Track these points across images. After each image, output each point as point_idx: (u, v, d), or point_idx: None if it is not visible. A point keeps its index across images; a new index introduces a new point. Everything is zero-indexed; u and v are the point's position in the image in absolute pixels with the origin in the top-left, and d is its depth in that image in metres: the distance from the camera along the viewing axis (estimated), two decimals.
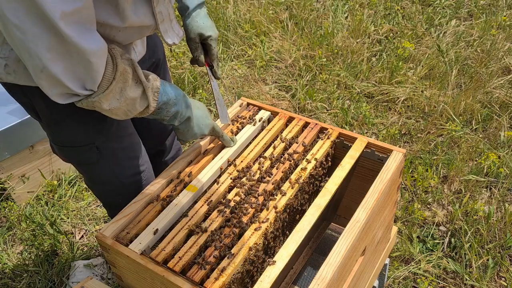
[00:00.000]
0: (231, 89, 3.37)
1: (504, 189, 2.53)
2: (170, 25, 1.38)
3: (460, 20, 3.98)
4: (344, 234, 1.32)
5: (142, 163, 1.62)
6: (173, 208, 1.42)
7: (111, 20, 1.18)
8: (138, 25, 1.26)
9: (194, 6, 1.55)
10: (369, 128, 3.00)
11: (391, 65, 3.40)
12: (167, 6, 1.32)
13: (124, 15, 1.18)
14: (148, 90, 1.25)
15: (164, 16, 1.32)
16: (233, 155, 1.60)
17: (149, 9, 1.25)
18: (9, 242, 2.44)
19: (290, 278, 1.80)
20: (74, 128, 1.41)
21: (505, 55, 3.45)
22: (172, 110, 1.36)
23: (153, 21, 1.29)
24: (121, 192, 1.57)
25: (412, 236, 2.31)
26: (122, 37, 1.28)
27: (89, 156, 1.47)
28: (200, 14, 1.56)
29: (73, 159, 1.53)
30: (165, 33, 1.37)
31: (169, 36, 1.39)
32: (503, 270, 2.18)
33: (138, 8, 1.22)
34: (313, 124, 1.69)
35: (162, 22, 1.33)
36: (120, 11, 1.17)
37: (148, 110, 1.29)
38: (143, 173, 1.62)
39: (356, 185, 1.72)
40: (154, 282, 1.30)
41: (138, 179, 1.61)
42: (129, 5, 1.18)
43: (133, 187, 1.59)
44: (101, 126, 1.43)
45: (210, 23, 1.57)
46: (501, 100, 3.08)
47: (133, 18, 1.22)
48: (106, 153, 1.49)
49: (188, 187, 1.48)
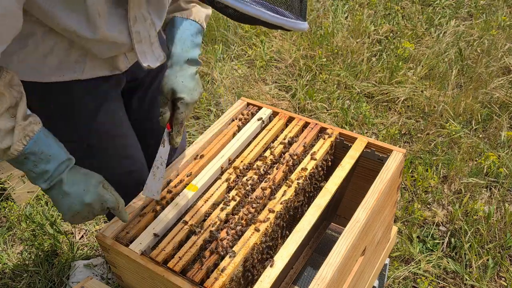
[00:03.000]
0: (231, 89, 3.37)
1: (504, 189, 2.53)
2: (150, 47, 1.33)
3: (460, 20, 3.98)
4: (344, 234, 1.32)
5: (133, 163, 1.59)
6: (173, 208, 1.42)
7: (81, 31, 1.16)
8: (112, 41, 1.23)
9: (182, 61, 1.41)
10: (369, 128, 3.00)
11: (391, 65, 3.40)
12: (148, 28, 1.29)
13: (95, 27, 1.16)
14: (17, 128, 1.10)
15: (142, 37, 1.28)
16: (234, 153, 1.60)
17: (125, 27, 1.23)
18: (9, 242, 2.44)
19: (290, 278, 1.80)
20: (63, 125, 1.39)
21: (505, 55, 3.45)
22: (40, 166, 1.16)
23: (128, 40, 1.26)
24: None
25: (412, 236, 2.31)
26: (97, 50, 1.26)
27: (78, 153, 1.46)
28: (186, 73, 1.41)
29: None
30: (141, 54, 1.31)
31: (146, 59, 1.33)
32: (503, 270, 2.18)
33: (113, 25, 1.20)
34: (313, 124, 1.69)
35: (140, 43, 1.29)
36: (91, 22, 1.15)
37: (8, 152, 1.11)
38: (134, 173, 1.60)
39: (356, 185, 1.72)
40: (154, 282, 1.30)
41: (127, 179, 1.59)
42: (103, 19, 1.16)
43: (123, 186, 1.56)
44: (91, 124, 1.42)
45: (192, 85, 1.41)
46: (501, 100, 3.08)
47: (106, 33, 1.19)
48: (96, 151, 1.47)
49: (189, 186, 1.48)
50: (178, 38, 1.42)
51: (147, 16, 1.27)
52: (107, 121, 1.44)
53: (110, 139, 1.49)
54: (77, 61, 1.30)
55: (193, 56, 1.43)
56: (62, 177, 1.20)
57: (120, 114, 1.53)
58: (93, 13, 1.13)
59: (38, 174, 1.17)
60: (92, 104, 1.41)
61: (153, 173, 1.39)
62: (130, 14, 1.22)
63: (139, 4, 1.23)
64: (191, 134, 3.03)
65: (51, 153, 1.17)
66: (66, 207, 1.22)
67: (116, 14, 1.20)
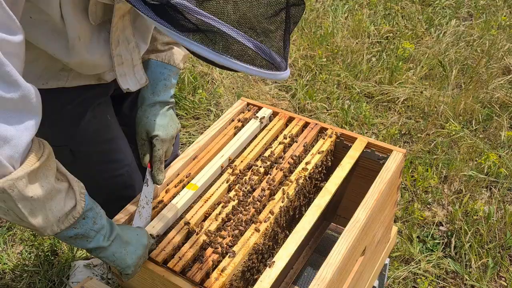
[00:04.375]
0: (231, 89, 3.37)
1: (504, 189, 2.53)
2: (131, 70, 1.31)
3: (460, 20, 3.98)
4: (344, 234, 1.32)
5: (120, 167, 1.56)
6: (173, 207, 1.42)
7: (63, 57, 1.15)
8: (92, 64, 1.22)
9: (153, 102, 1.43)
10: (369, 128, 3.00)
11: (391, 65, 3.40)
12: (131, 51, 1.27)
13: (75, 52, 1.14)
14: (74, 184, 1.05)
15: (124, 59, 1.27)
16: (234, 153, 1.60)
17: (107, 50, 1.21)
18: (9, 242, 2.44)
19: (290, 278, 1.80)
20: (45, 129, 1.39)
21: (505, 55, 3.45)
22: (98, 221, 1.09)
23: (109, 62, 1.24)
24: (97, 193, 1.53)
25: (412, 236, 2.31)
26: (79, 69, 1.25)
27: (62, 158, 1.45)
28: (157, 112, 1.43)
29: None
30: (121, 76, 1.30)
31: (126, 81, 1.31)
32: (503, 270, 2.18)
33: (94, 48, 1.18)
34: (313, 124, 1.69)
35: (121, 65, 1.27)
36: (69, 47, 1.13)
37: (71, 213, 1.03)
38: (120, 177, 1.57)
39: (356, 185, 1.72)
40: (154, 282, 1.30)
41: (114, 182, 1.57)
42: (83, 43, 1.14)
43: (109, 190, 1.55)
44: (74, 131, 1.39)
45: (165, 122, 1.43)
46: (501, 100, 3.08)
47: (86, 56, 1.17)
48: (81, 156, 1.44)
49: (189, 186, 1.48)
50: (150, 82, 1.44)
51: (130, 39, 1.25)
52: (90, 127, 1.42)
53: (94, 145, 1.47)
54: (62, 69, 1.27)
55: (164, 99, 1.46)
56: (115, 227, 1.14)
57: (107, 119, 1.50)
58: (73, 36, 1.11)
59: (97, 232, 1.09)
60: (74, 111, 1.38)
61: (139, 213, 1.37)
62: (112, 37, 1.20)
63: (123, 28, 1.21)
64: (191, 134, 3.03)
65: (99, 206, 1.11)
66: (132, 256, 1.17)
67: (98, 37, 1.18)
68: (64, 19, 1.08)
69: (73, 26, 1.10)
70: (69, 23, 1.09)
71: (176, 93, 3.25)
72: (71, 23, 1.09)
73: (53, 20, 1.07)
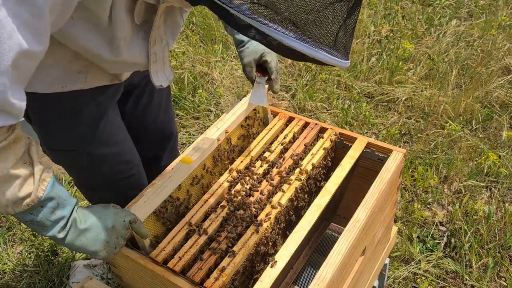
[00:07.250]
0: (231, 89, 3.37)
1: (504, 189, 2.53)
2: (162, 67, 1.34)
3: (460, 20, 3.98)
4: (344, 234, 1.32)
5: (132, 167, 1.60)
6: (168, 181, 1.41)
7: (103, 54, 1.17)
8: (131, 62, 1.24)
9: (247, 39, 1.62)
10: (369, 128, 3.00)
11: (391, 65, 3.40)
12: (164, 49, 1.30)
13: (118, 51, 1.17)
14: (36, 173, 1.04)
15: (158, 57, 1.30)
16: (231, 126, 1.60)
17: (144, 48, 1.24)
18: (9, 242, 2.44)
19: (290, 278, 1.80)
20: (63, 133, 1.40)
21: (505, 55, 3.45)
22: (57, 212, 1.09)
23: (145, 60, 1.27)
24: (109, 196, 1.53)
25: (412, 236, 2.31)
26: (110, 68, 1.27)
27: (79, 161, 1.46)
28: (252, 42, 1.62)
29: (63, 162, 1.52)
30: (154, 73, 1.33)
31: (158, 78, 1.34)
32: (503, 270, 2.18)
33: (134, 47, 1.21)
34: (313, 124, 1.69)
35: (155, 63, 1.30)
36: (115, 47, 1.16)
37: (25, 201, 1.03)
38: (132, 177, 1.61)
39: (356, 185, 1.72)
40: (154, 282, 1.30)
41: (127, 183, 1.59)
42: (126, 43, 1.17)
43: (123, 191, 1.57)
44: (92, 132, 1.41)
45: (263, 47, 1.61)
46: (501, 100, 3.08)
47: (126, 55, 1.20)
48: (97, 158, 1.47)
49: (183, 159, 1.46)
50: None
51: (163, 37, 1.28)
52: (105, 129, 1.44)
53: (109, 147, 1.49)
54: (80, 71, 1.29)
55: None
56: (75, 216, 1.14)
57: (117, 120, 1.53)
58: (121, 36, 1.13)
59: (53, 222, 1.09)
60: (91, 113, 1.41)
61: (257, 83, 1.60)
62: (152, 36, 1.22)
63: (159, 27, 1.24)
64: (191, 134, 3.03)
65: (65, 196, 1.11)
66: (93, 242, 1.15)
67: (137, 36, 1.21)
68: (112, 19, 1.09)
69: (122, 26, 1.12)
70: (118, 23, 1.11)
71: (176, 93, 3.26)
72: (120, 24, 1.11)
73: (98, 18, 1.09)
